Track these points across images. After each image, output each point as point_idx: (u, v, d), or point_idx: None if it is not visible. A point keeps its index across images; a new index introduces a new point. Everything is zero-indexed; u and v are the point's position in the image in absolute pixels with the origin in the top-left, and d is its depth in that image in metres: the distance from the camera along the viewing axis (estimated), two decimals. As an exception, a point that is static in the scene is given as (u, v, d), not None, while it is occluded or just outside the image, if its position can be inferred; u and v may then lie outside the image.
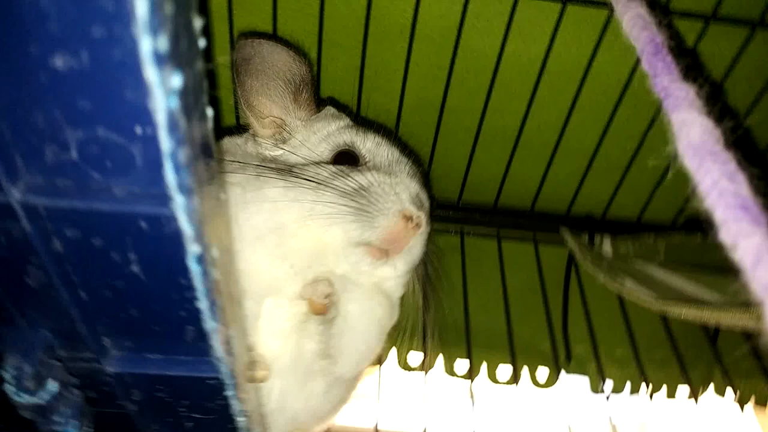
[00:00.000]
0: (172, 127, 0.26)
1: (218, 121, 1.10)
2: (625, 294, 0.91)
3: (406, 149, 0.88)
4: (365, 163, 0.80)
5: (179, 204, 0.29)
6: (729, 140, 0.33)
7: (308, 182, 0.72)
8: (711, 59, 1.05)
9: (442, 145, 1.14)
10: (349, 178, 0.74)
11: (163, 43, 0.23)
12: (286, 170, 0.74)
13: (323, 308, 0.69)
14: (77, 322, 0.43)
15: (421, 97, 1.08)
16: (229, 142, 0.85)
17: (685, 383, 1.08)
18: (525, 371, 1.24)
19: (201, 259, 0.33)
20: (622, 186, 1.18)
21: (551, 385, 1.21)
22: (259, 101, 0.82)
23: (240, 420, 0.48)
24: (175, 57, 0.25)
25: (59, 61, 0.25)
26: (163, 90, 0.25)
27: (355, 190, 0.73)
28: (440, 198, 1.23)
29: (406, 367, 1.11)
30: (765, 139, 1.14)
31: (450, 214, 1.22)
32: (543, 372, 1.24)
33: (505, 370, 1.22)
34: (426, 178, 0.88)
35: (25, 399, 0.43)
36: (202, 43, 0.28)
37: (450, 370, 1.19)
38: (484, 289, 1.17)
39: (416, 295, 0.85)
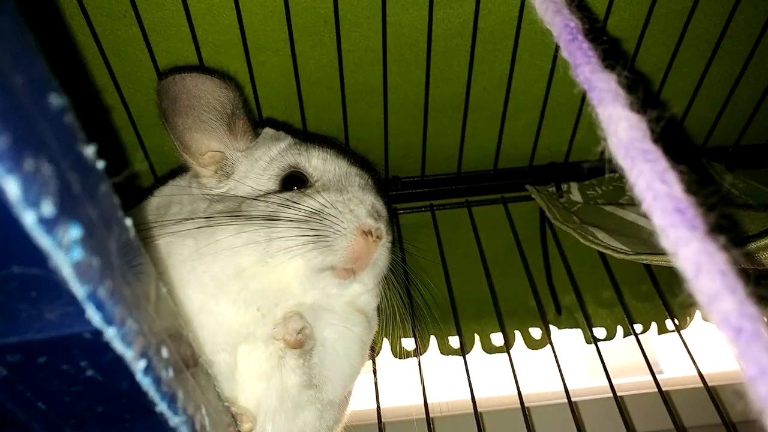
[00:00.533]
0: (83, 273, 0.25)
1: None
2: (599, 248, 0.91)
3: (353, 157, 0.86)
4: (314, 183, 0.78)
5: (110, 334, 0.28)
6: (656, 130, 0.32)
7: (259, 219, 0.70)
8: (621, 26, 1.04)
9: (394, 124, 1.12)
10: (299, 205, 0.71)
11: (48, 209, 0.22)
12: (234, 211, 0.72)
13: (299, 343, 0.68)
14: (43, 430, 0.42)
15: (362, 82, 1.06)
16: (172, 188, 0.82)
17: (672, 317, 1.10)
18: (518, 335, 1.25)
19: (148, 370, 0.31)
20: (578, 128, 1.17)
21: (545, 345, 1.22)
22: (193, 139, 0.78)
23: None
24: (70, 209, 0.23)
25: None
26: (61, 250, 0.23)
27: (307, 216, 0.70)
28: (403, 176, 1.22)
29: (402, 354, 1.11)
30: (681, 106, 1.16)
31: (415, 191, 1.21)
32: (536, 333, 1.25)
33: (498, 338, 1.23)
34: (381, 183, 0.87)
35: None
36: (99, 166, 0.26)
37: (445, 349, 1.20)
38: (462, 259, 1.17)
39: (393, 293, 0.83)
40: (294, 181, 0.77)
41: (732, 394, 1.12)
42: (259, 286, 0.69)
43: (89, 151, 0.26)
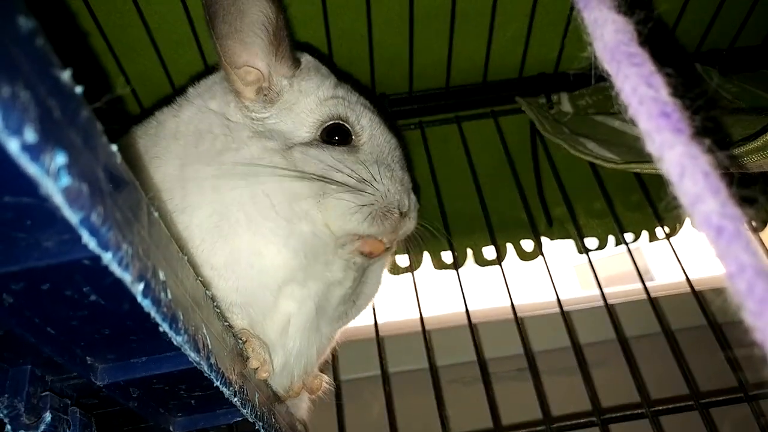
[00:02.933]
0: (73, 200, 0.25)
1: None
2: (589, 159, 0.91)
3: (384, 113, 0.85)
4: (359, 144, 0.77)
5: (107, 258, 0.28)
6: (643, 32, 0.31)
7: (314, 176, 0.71)
8: None
9: (379, 37, 1.09)
10: (353, 172, 0.73)
11: (30, 135, 0.21)
12: (285, 154, 0.72)
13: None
14: (54, 354, 0.43)
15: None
16: (197, 110, 0.77)
17: (662, 224, 1.12)
18: (510, 248, 1.27)
19: (147, 292, 0.32)
20: (567, 36, 1.15)
21: (537, 256, 1.25)
22: (237, 48, 0.74)
23: (234, 400, 0.50)
24: (52, 135, 0.23)
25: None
26: (49, 177, 0.23)
27: (358, 184, 0.72)
28: (391, 94, 1.20)
29: (396, 270, 1.13)
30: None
31: (404, 108, 1.19)
32: (528, 245, 1.27)
33: (491, 252, 1.25)
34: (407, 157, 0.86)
35: (26, 435, 0.44)
36: (78, 90, 0.26)
37: (438, 264, 1.22)
38: (453, 175, 1.18)
39: None
40: (337, 132, 0.76)
41: (716, 296, 1.16)
42: (308, 233, 0.71)
43: (65, 75, 0.25)
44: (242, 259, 0.68)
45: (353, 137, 0.77)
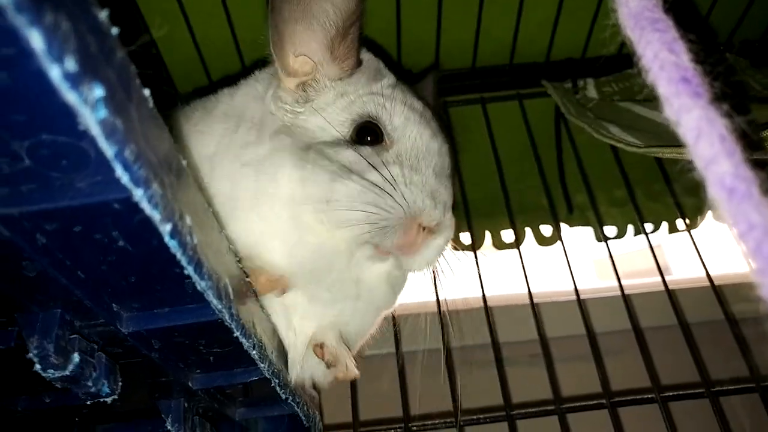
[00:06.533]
0: (109, 133, 0.26)
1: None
2: (612, 142, 0.91)
3: (441, 120, 0.80)
4: (389, 144, 0.71)
5: (138, 195, 0.30)
6: (667, 2, 0.32)
7: (325, 174, 0.66)
8: None
9: (408, 14, 1.09)
10: (366, 174, 0.66)
11: (71, 64, 0.23)
12: (301, 154, 0.67)
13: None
14: (83, 298, 0.45)
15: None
16: (247, 92, 0.76)
17: (683, 216, 1.12)
18: (529, 233, 1.27)
19: (174, 233, 0.34)
20: (596, 21, 1.14)
21: (555, 242, 1.24)
22: (299, 35, 0.70)
23: (253, 353, 0.52)
24: (91, 68, 0.24)
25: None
26: (87, 106, 0.24)
27: (370, 187, 0.65)
28: (417, 70, 1.20)
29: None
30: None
31: (430, 87, 1.19)
32: (546, 231, 1.27)
33: (509, 235, 1.25)
34: (455, 170, 0.79)
35: (54, 374, 0.46)
36: (114, 31, 0.27)
37: (456, 245, 1.22)
38: (475, 157, 1.18)
39: None
40: (369, 131, 0.70)
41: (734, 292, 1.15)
42: (316, 242, 0.67)
43: (103, 15, 0.26)
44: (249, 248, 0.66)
45: (385, 138, 0.71)
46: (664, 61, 0.29)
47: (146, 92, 0.31)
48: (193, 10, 1.02)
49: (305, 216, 0.66)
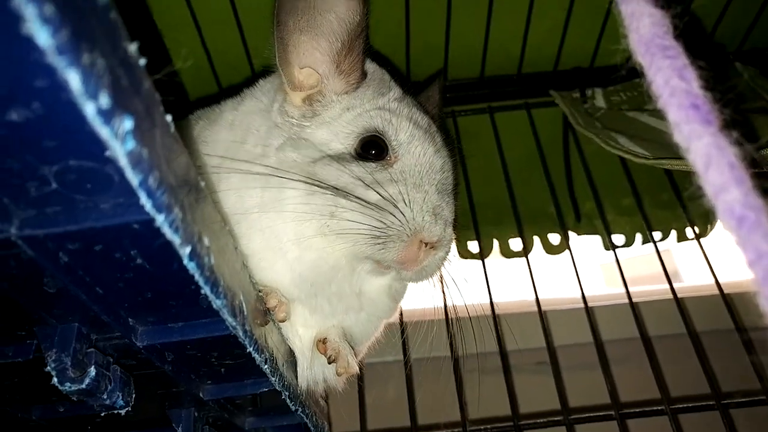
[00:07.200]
0: (135, 163, 0.27)
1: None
2: (621, 153, 0.91)
3: (445, 136, 0.80)
4: (393, 159, 0.71)
5: (160, 221, 0.31)
6: (678, 28, 0.32)
7: (329, 189, 0.66)
8: None
9: (417, 23, 1.10)
10: (369, 189, 0.67)
11: (105, 100, 0.24)
12: (306, 169, 0.68)
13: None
14: (101, 313, 0.46)
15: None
16: (252, 107, 0.76)
17: (692, 224, 1.11)
18: (537, 241, 1.27)
19: (193, 256, 0.34)
20: (605, 31, 1.14)
21: (563, 250, 1.25)
22: (304, 46, 0.70)
23: (265, 368, 0.52)
24: (122, 102, 0.25)
25: (14, 115, 0.26)
26: (117, 140, 0.25)
27: (373, 204, 0.66)
28: (425, 79, 1.21)
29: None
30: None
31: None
32: (554, 239, 1.27)
33: (517, 243, 1.25)
34: (457, 184, 0.79)
35: (71, 388, 0.47)
36: (142, 62, 0.28)
37: (464, 254, 1.23)
38: (483, 165, 1.18)
39: None
40: (373, 146, 0.71)
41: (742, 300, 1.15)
42: (315, 258, 0.68)
43: (132, 48, 0.27)
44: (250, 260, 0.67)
45: (390, 152, 0.71)
46: (675, 87, 0.30)
47: (168, 118, 0.32)
48: (204, 18, 1.03)
49: (308, 230, 0.66)
